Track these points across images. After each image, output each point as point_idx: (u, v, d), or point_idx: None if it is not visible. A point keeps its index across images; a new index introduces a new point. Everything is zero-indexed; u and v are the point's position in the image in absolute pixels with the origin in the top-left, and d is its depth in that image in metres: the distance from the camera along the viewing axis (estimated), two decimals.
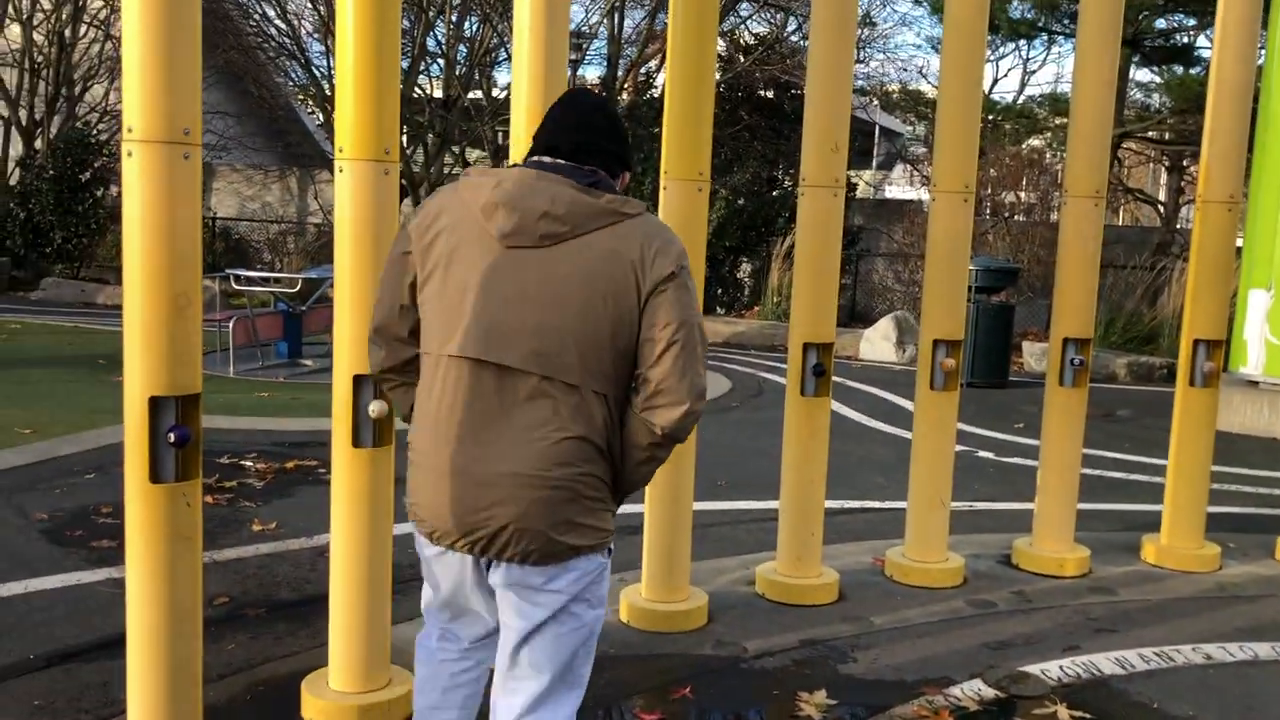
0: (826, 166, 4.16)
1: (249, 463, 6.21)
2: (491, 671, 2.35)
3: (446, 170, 21.15)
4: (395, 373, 2.34)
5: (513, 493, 2.10)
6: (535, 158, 2.22)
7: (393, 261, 2.26)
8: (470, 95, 18.86)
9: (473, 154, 21.69)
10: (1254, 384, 8.66)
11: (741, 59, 18.59)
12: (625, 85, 19.11)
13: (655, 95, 17.92)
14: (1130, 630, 4.11)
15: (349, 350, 3.03)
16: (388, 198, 3.01)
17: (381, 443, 3.09)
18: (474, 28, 19.79)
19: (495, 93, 18.79)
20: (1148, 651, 3.89)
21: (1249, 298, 8.62)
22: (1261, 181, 8.62)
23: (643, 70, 19.38)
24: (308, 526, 5.06)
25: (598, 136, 2.24)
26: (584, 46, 18.21)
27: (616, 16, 18.56)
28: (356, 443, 3.06)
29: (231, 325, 9.55)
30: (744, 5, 19.15)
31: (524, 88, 3.43)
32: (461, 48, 20.01)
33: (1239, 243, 9.23)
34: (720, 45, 19.29)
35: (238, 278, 10.39)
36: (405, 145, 20.11)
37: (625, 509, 4.83)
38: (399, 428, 2.82)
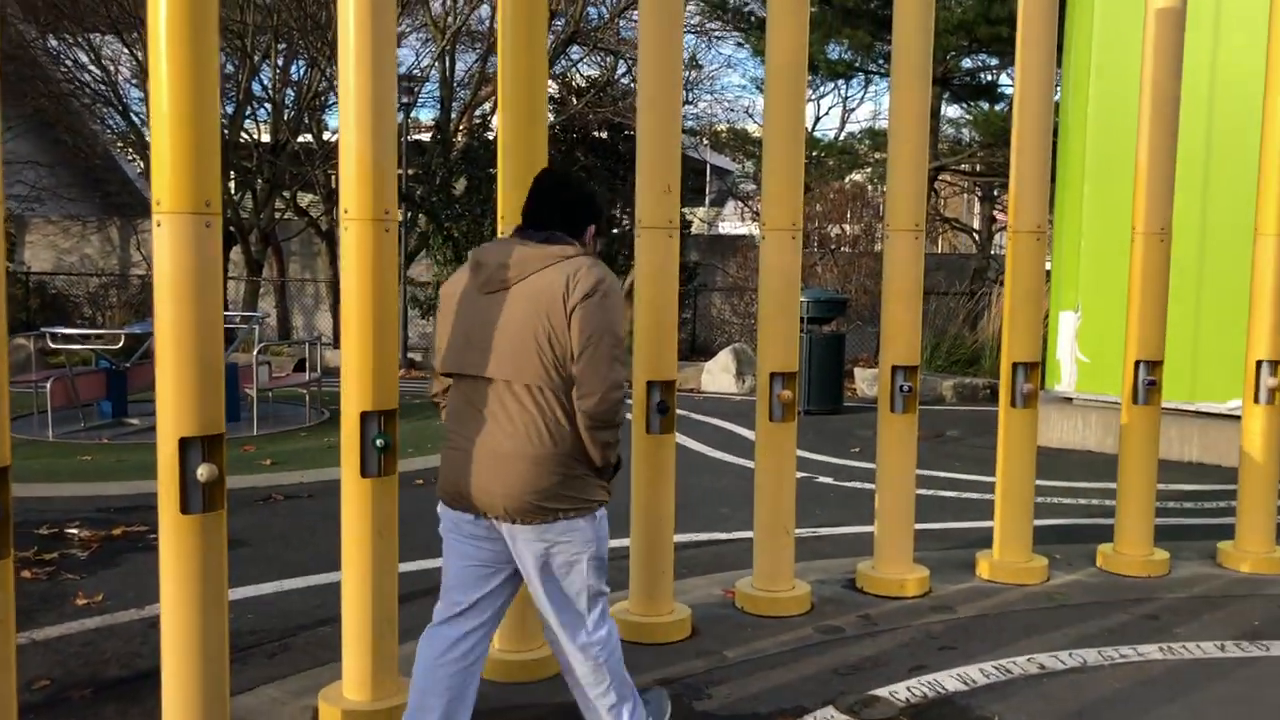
0: (661, 208, 4.23)
1: (72, 531, 5.86)
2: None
3: (279, 216, 20.58)
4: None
5: (508, 467, 2.86)
6: (523, 228, 3.03)
7: (441, 315, 3.06)
8: (300, 139, 18.41)
9: (304, 198, 21.18)
10: (1069, 400, 9.17)
11: (574, 101, 18.77)
12: (460, 127, 19.02)
13: (491, 138, 17.87)
14: (970, 646, 4.26)
15: (173, 411, 2.89)
16: (209, 251, 2.90)
17: (212, 507, 2.95)
18: (301, 71, 19.39)
19: (326, 136, 18.42)
20: (987, 666, 4.04)
21: (1059, 319, 9.16)
22: (1064, 211, 9.20)
23: (477, 113, 19.34)
24: (138, 597, 4.79)
25: (550, 208, 3.03)
26: (415, 89, 18.03)
27: (448, 59, 18.50)
28: (185, 509, 2.91)
29: (49, 386, 9.02)
30: (574, 49, 19.36)
31: (352, 132, 3.36)
32: (289, 91, 19.57)
33: (1049, 267, 9.81)
34: (552, 88, 19.48)
35: (54, 335, 9.82)
36: (233, 191, 19.46)
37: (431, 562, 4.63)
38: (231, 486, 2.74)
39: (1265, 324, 5.35)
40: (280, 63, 18.85)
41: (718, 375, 12.93)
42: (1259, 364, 5.35)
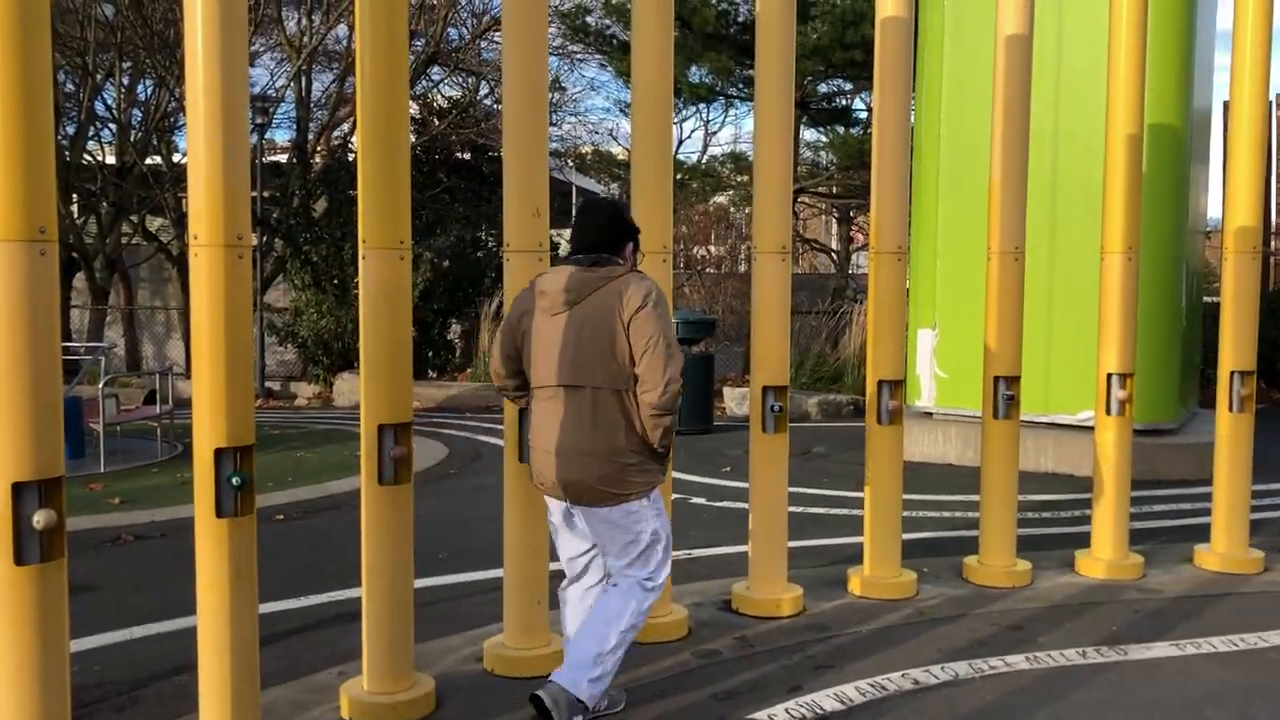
0: (529, 232, 4.15)
1: None
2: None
3: (126, 241, 19.69)
4: (514, 389, 3.70)
5: (584, 461, 3.44)
6: (574, 255, 3.55)
7: (503, 332, 3.65)
8: (148, 161, 17.68)
9: (154, 222, 20.35)
10: (929, 415, 9.43)
11: (436, 122, 18.54)
12: (318, 149, 18.57)
13: (351, 159, 17.48)
14: (846, 665, 4.29)
15: (5, 454, 2.66)
16: (45, 280, 2.68)
17: (51, 556, 2.73)
18: (149, 91, 18.65)
19: (176, 158, 17.73)
20: (863, 684, 4.07)
21: (918, 336, 9.41)
22: (920, 231, 9.48)
23: (336, 133, 18.91)
24: None
25: (595, 236, 3.57)
26: (271, 110, 17.53)
27: (304, 79, 18.05)
28: (19, 559, 2.69)
29: None
30: (435, 70, 19.14)
31: (202, 154, 3.19)
32: (136, 112, 18.80)
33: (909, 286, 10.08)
34: (414, 109, 19.20)
35: None
36: (76, 215, 18.55)
37: (345, 593, 4.46)
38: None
39: (1114, 339, 5.58)
40: (126, 82, 18.08)
41: None
42: (1109, 377, 5.58)
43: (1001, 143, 5.35)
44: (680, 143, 31.74)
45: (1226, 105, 5.85)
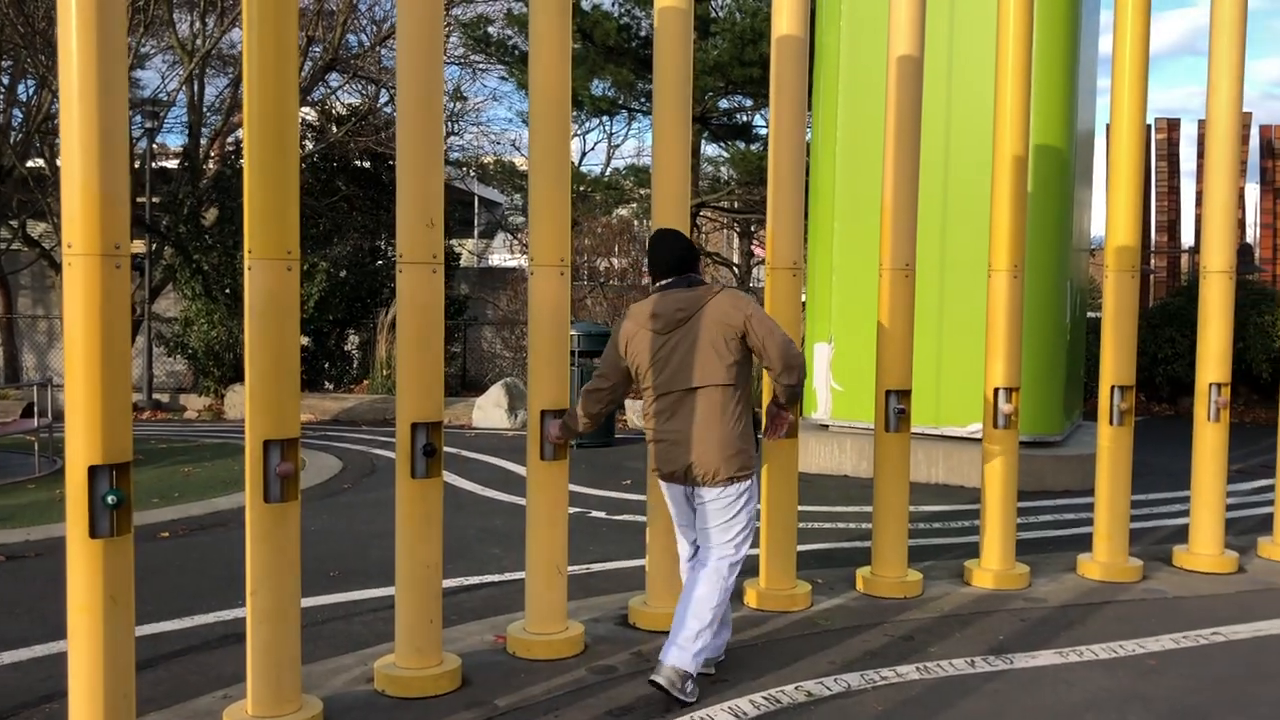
0: (423, 242, 4.08)
1: None
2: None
3: (5, 246, 18.91)
4: (605, 401, 4.41)
5: (706, 447, 4.08)
6: (660, 283, 4.22)
7: (610, 354, 4.30)
8: (29, 164, 17.01)
9: (36, 227, 19.57)
10: (825, 427, 9.56)
11: (334, 129, 18.22)
12: (211, 154, 18.08)
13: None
14: (740, 677, 4.30)
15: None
16: None
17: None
18: (30, 91, 17.96)
19: (59, 161, 17.07)
20: (757, 697, 4.08)
21: (814, 350, 9.55)
22: (816, 247, 9.62)
23: (230, 139, 18.44)
24: None
25: (680, 259, 4.25)
26: (161, 114, 17.01)
27: (196, 84, 17.57)
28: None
29: None
30: (333, 76, 18.83)
31: (76, 159, 3.06)
32: (16, 112, 18.08)
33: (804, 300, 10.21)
34: (312, 115, 18.83)
35: None
36: None
37: (232, 613, 4.32)
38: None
39: (1000, 354, 5.73)
40: (6, 81, 17.38)
41: (489, 411, 12.76)
42: (995, 391, 5.72)
43: (893, 161, 5.46)
44: (583, 155, 31.79)
45: (1109, 128, 6.06)
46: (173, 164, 18.69)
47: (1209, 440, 6.14)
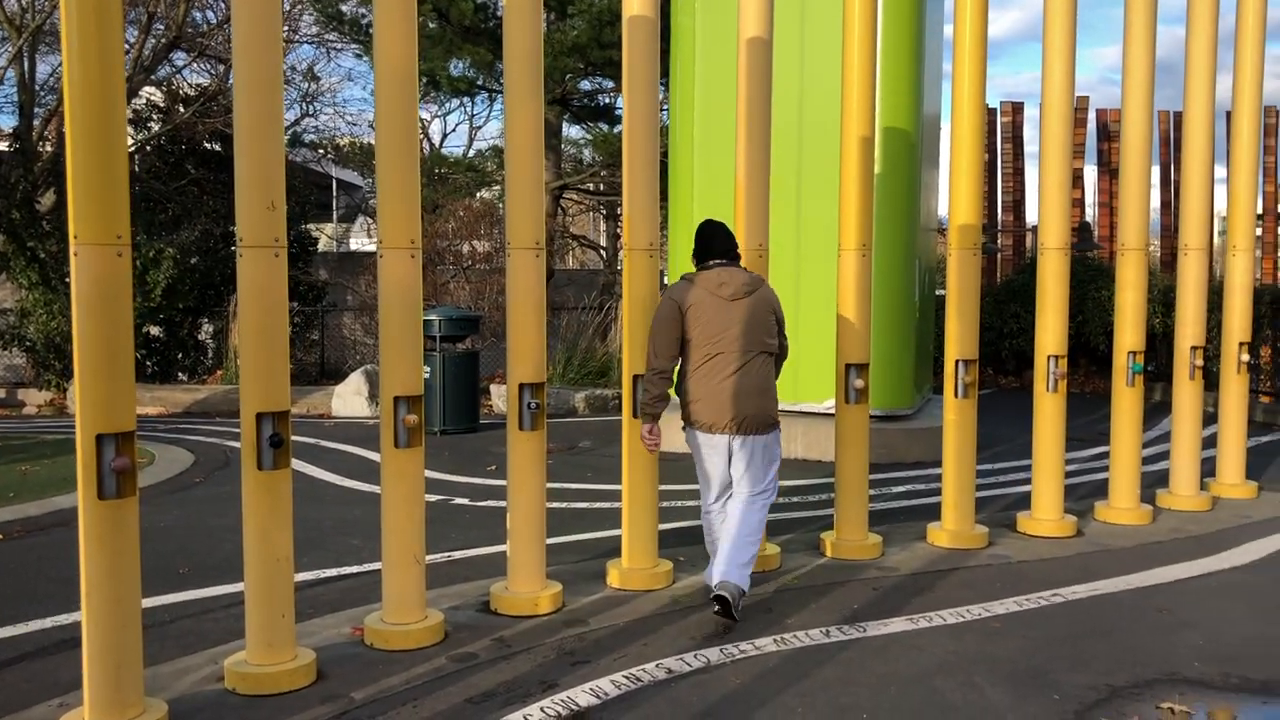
0: (265, 225, 3.94)
1: None
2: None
3: None
4: (668, 377, 4.96)
5: (757, 399, 4.89)
6: (716, 260, 4.98)
7: (668, 321, 4.91)
8: None
9: None
10: None
11: (181, 110, 17.48)
12: (46, 136, 17.14)
13: None
14: (602, 658, 4.32)
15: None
16: None
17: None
18: None
19: None
20: (618, 676, 4.11)
21: None
22: (676, 228, 9.69)
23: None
24: None
25: (731, 246, 5.06)
26: None
27: (26, 61, 16.61)
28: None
29: None
30: (179, 55, 18.06)
31: None
32: None
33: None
34: (157, 96, 18.02)
35: None
36: None
37: (70, 616, 4.16)
38: None
39: (851, 331, 5.87)
40: None
41: (349, 399, 12.48)
42: (846, 367, 5.87)
43: (745, 144, 5.52)
44: (444, 137, 31.28)
45: (952, 111, 6.26)
46: (3, 145, 17.66)
47: (1048, 410, 6.43)
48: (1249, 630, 4.71)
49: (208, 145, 17.97)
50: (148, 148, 17.46)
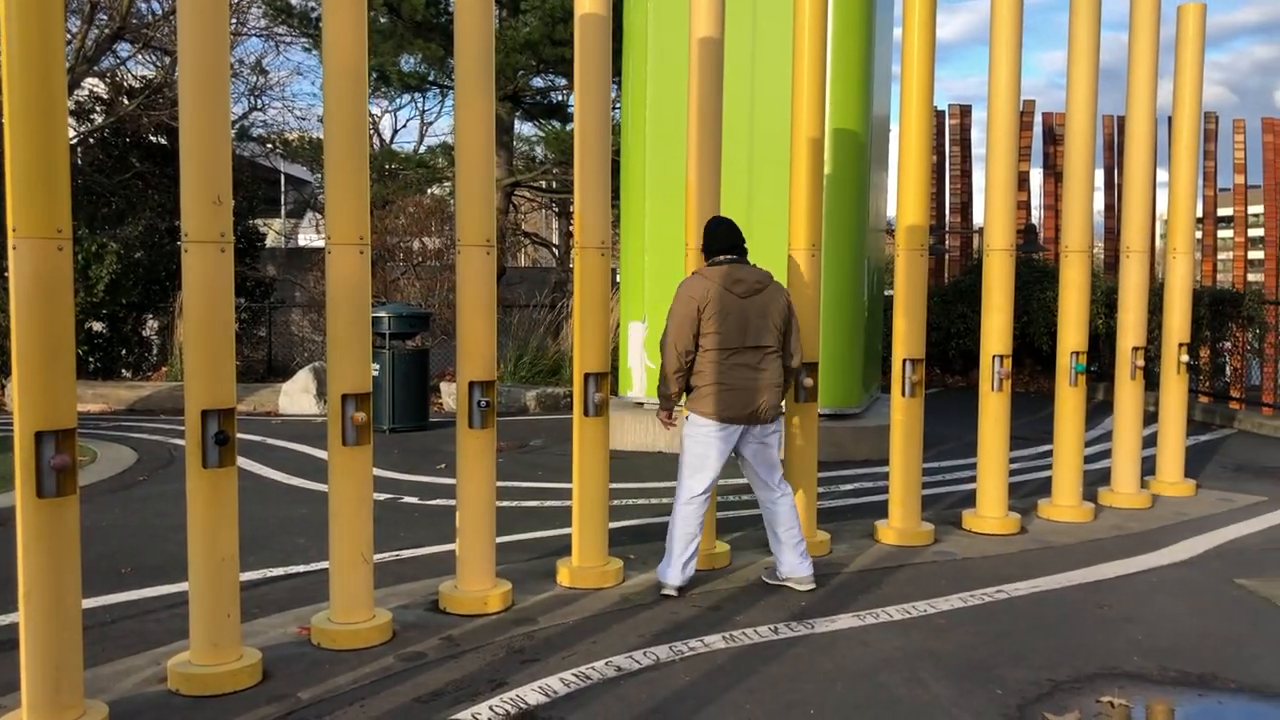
0: (211, 220, 3.89)
1: None
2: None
3: None
4: (687, 370, 5.10)
5: (769, 393, 5.13)
6: (727, 256, 5.16)
7: (688, 319, 5.03)
8: None
9: None
10: (640, 405, 9.68)
11: (125, 102, 17.17)
12: None
13: None
14: (552, 657, 4.31)
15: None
16: None
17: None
18: None
19: None
20: (568, 675, 4.11)
21: (629, 329, 9.64)
22: (629, 227, 9.71)
23: None
24: None
25: (739, 242, 5.23)
26: None
27: None
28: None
29: None
30: (123, 46, 17.74)
31: None
32: None
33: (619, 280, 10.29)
34: (101, 87, 17.67)
35: None
36: None
37: (6, 618, 4.09)
38: None
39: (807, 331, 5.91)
40: None
41: (297, 397, 12.34)
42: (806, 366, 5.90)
43: (696, 143, 5.54)
44: (395, 132, 31.05)
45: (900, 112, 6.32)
46: None
47: (992, 409, 6.52)
48: (1186, 625, 4.81)
49: (153, 138, 17.67)
50: (90, 140, 17.14)
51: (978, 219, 16.83)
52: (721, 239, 5.19)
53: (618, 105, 11.74)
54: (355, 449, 4.48)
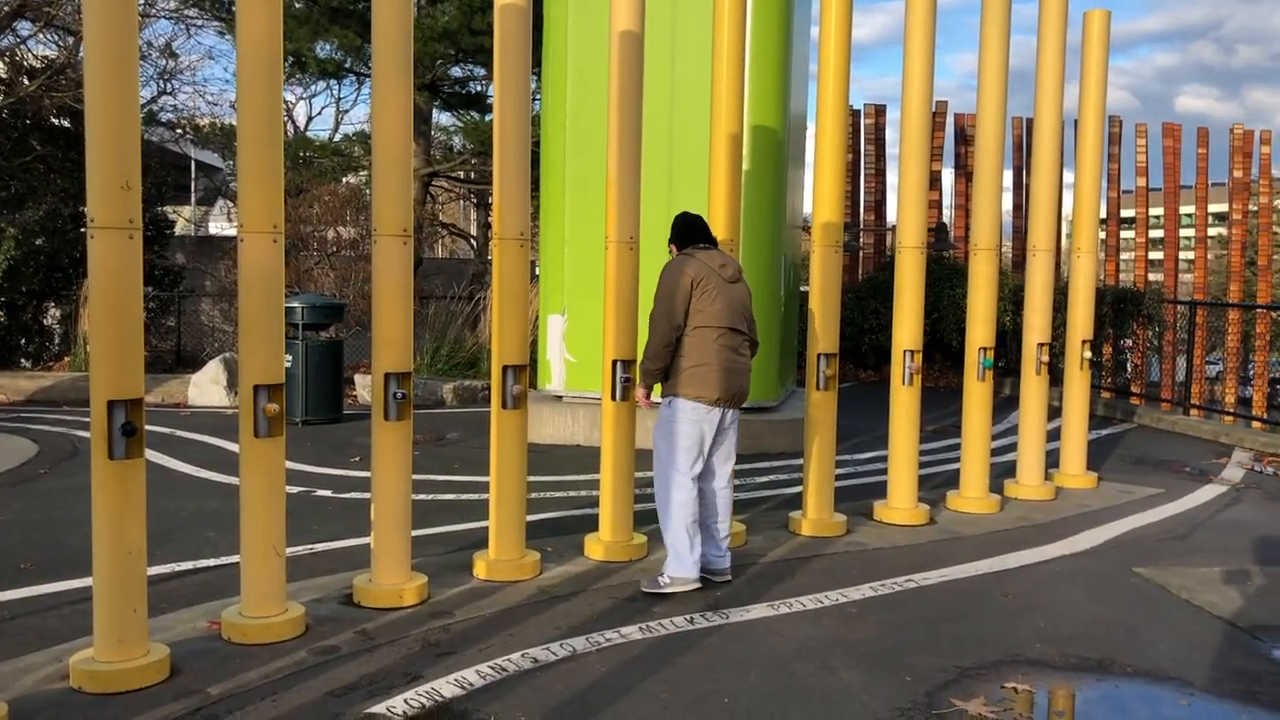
0: (118, 206, 3.79)
1: None
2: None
3: None
4: (674, 346, 5.15)
5: (746, 377, 5.28)
6: (704, 245, 5.28)
7: (683, 292, 5.08)
8: None
9: None
10: (559, 398, 9.67)
11: (26, 82, 16.58)
12: None
13: None
14: (467, 649, 4.30)
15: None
16: None
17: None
18: None
19: None
20: (484, 667, 4.10)
21: (548, 322, 9.62)
22: (548, 218, 9.68)
23: None
24: None
25: (709, 233, 5.37)
26: None
27: None
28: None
29: None
30: (23, 24, 17.13)
31: None
32: None
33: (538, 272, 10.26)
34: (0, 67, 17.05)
35: None
36: None
37: None
38: None
39: None
40: None
41: (207, 388, 12.07)
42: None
43: (616, 136, 5.56)
44: (310, 119, 30.44)
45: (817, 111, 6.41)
46: None
47: (903, 402, 6.66)
48: (1086, 612, 4.98)
49: (55, 121, 17.09)
50: None
51: (891, 217, 17.14)
52: (696, 231, 5.31)
53: (538, 96, 11.69)
54: (267, 441, 4.41)
